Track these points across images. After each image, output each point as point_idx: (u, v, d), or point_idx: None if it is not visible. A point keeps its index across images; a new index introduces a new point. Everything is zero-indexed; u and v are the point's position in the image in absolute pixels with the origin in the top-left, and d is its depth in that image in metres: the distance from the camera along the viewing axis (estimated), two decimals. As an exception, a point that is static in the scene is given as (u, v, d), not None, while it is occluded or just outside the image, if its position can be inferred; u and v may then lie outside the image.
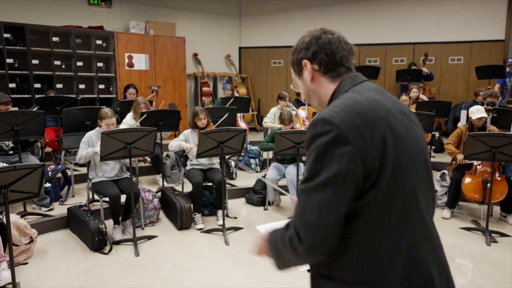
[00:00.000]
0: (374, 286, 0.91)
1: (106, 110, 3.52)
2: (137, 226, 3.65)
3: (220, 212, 3.84)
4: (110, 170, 3.62)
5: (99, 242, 3.20)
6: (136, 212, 3.66)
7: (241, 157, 5.72)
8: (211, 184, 4.07)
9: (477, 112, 3.87)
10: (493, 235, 3.47)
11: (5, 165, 3.20)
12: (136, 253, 3.16)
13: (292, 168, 4.12)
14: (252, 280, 2.79)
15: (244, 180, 5.12)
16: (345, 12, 8.10)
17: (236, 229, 3.73)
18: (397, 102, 1.01)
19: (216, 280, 2.79)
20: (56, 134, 5.00)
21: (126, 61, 6.63)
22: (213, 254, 3.20)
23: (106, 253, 3.16)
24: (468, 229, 3.66)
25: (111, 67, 6.59)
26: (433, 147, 5.55)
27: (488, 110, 3.95)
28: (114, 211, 3.42)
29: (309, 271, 1.33)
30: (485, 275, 2.85)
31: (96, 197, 3.78)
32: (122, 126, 4.50)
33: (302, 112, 5.97)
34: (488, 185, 3.48)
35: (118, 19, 7.20)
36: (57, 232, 3.59)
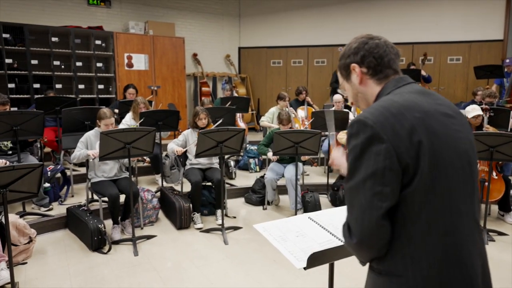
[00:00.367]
0: (407, 280, 0.94)
1: (105, 110, 3.53)
2: (136, 226, 3.66)
3: (219, 212, 3.85)
4: (109, 170, 3.63)
5: (98, 242, 3.21)
6: (135, 212, 3.67)
7: (240, 157, 5.73)
8: (210, 183, 4.08)
9: (472, 111, 3.89)
10: (490, 234, 3.49)
11: (6, 162, 3.20)
12: (135, 253, 3.16)
13: (291, 167, 4.13)
14: (251, 279, 2.80)
15: (243, 179, 5.12)
16: (344, 12, 8.11)
17: (235, 228, 3.73)
18: (442, 104, 1.02)
19: (215, 279, 2.80)
20: (55, 134, 5.01)
21: (126, 61, 6.64)
22: (212, 254, 3.21)
23: (105, 253, 3.17)
24: None
25: (111, 67, 6.60)
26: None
27: (485, 110, 3.97)
28: (113, 211, 3.43)
29: (305, 268, 1.34)
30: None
31: (95, 197, 3.79)
32: (121, 126, 4.50)
33: (301, 112, 5.99)
34: (486, 184, 3.49)
35: (117, 19, 7.21)
36: (56, 232, 3.59)
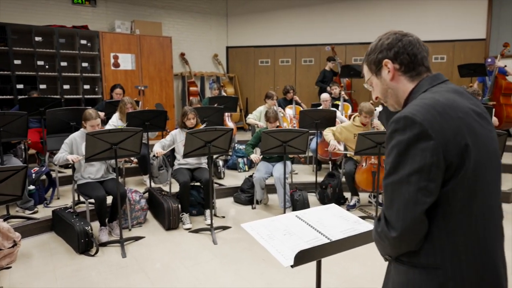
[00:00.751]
0: (446, 272, 0.97)
1: (90, 111, 3.48)
2: (124, 227, 3.62)
3: (208, 212, 3.84)
4: (96, 171, 3.58)
5: (85, 244, 3.16)
6: (123, 213, 3.63)
7: (229, 157, 5.73)
8: (198, 183, 4.07)
9: None
10: None
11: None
12: (123, 255, 3.13)
13: (279, 166, 4.14)
14: (240, 278, 2.80)
15: (232, 179, 5.12)
16: (331, 11, 8.17)
17: (224, 228, 3.73)
18: (475, 104, 1.05)
19: (204, 279, 2.79)
20: (40, 136, 4.92)
21: (112, 61, 6.56)
22: (201, 254, 3.20)
23: (93, 255, 3.13)
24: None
25: (96, 67, 6.51)
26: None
27: None
28: (100, 212, 3.39)
29: (292, 266, 1.35)
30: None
31: (82, 199, 3.74)
32: (108, 127, 4.45)
33: (289, 111, 6.02)
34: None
35: (103, 19, 7.11)
36: (41, 235, 3.53)
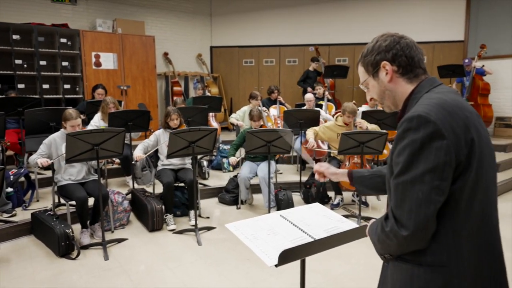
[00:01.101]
0: (451, 270, 0.99)
1: (71, 111, 3.40)
2: (107, 229, 3.56)
3: (192, 212, 3.81)
4: (77, 172, 3.51)
5: (66, 247, 3.09)
6: (105, 215, 3.57)
7: (214, 157, 5.70)
8: (183, 184, 4.03)
9: None
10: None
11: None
12: (106, 257, 3.08)
13: (263, 166, 4.15)
14: (224, 278, 2.80)
15: (217, 179, 5.10)
16: (315, 12, 8.24)
17: (209, 228, 3.71)
18: (470, 105, 1.08)
19: (188, 280, 2.77)
20: (18, 137, 4.78)
21: (93, 60, 6.43)
22: (185, 255, 3.17)
23: (74, 258, 3.06)
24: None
25: (77, 67, 6.38)
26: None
27: None
28: (82, 214, 3.32)
29: (276, 265, 1.35)
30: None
31: (62, 201, 3.65)
32: (90, 127, 4.36)
33: (274, 110, 6.04)
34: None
35: (83, 17, 6.97)
36: (20, 239, 3.43)
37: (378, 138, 3.72)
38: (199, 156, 4.88)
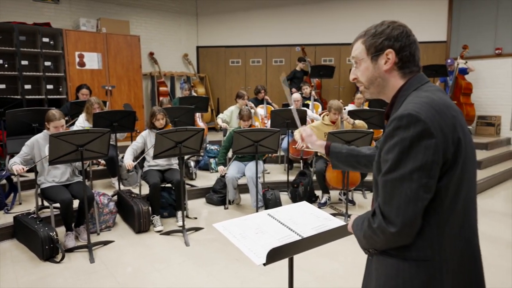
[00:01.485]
0: (435, 265, 1.01)
1: (54, 111, 3.33)
2: (92, 231, 3.51)
3: (179, 213, 3.79)
4: (61, 174, 3.44)
5: (50, 251, 3.03)
6: (91, 217, 3.51)
7: (201, 157, 5.67)
8: (170, 185, 4.00)
9: None
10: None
11: None
12: (91, 260, 3.03)
13: (251, 166, 4.15)
14: (213, 279, 2.79)
15: (204, 180, 5.08)
16: (301, 12, 8.28)
17: (197, 229, 3.69)
18: (455, 104, 1.10)
19: (176, 281, 2.75)
20: (-1, 138, 4.67)
21: (77, 60, 6.32)
22: (173, 256, 3.15)
23: (58, 262, 3.00)
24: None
25: (60, 66, 6.25)
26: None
27: None
28: (66, 217, 3.26)
29: (264, 264, 1.35)
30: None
31: (46, 203, 3.58)
32: (75, 128, 4.28)
33: (261, 110, 6.04)
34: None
35: (66, 16, 6.84)
36: (2, 243, 3.34)
37: (364, 137, 3.76)
38: (186, 157, 4.85)
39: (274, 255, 1.36)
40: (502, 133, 7.30)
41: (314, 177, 4.48)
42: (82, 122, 4.41)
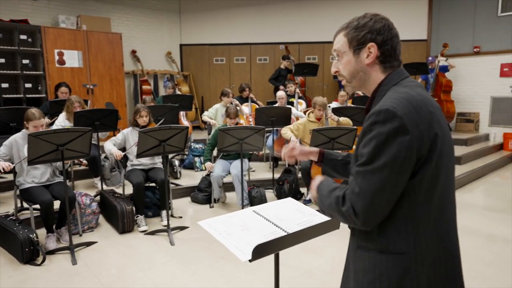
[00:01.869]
0: (410, 258, 1.03)
1: (33, 110, 3.24)
2: (74, 233, 3.43)
3: (164, 213, 3.74)
4: (41, 175, 3.35)
5: (30, 253, 2.95)
6: (72, 218, 3.43)
7: (185, 156, 5.62)
8: (154, 184, 3.95)
9: None
10: None
11: None
12: (74, 262, 2.96)
13: (236, 164, 4.13)
14: (198, 278, 2.77)
15: (189, 179, 5.03)
16: (285, 10, 8.30)
17: (182, 228, 3.66)
18: (434, 100, 1.10)
19: (161, 281, 2.71)
20: (-25, 139, 4.50)
21: (56, 58, 6.16)
22: (158, 256, 3.11)
23: (39, 264, 2.92)
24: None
25: (39, 65, 6.08)
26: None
27: None
28: (47, 218, 3.17)
29: (250, 261, 1.35)
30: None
31: (26, 205, 3.48)
32: (55, 128, 4.17)
33: (246, 108, 6.03)
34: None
35: (45, 13, 6.66)
36: (-21, 246, 3.24)
37: (348, 134, 3.81)
38: (170, 155, 4.80)
39: (260, 251, 1.36)
40: (481, 129, 7.51)
41: (299, 174, 4.50)
42: (62, 121, 4.30)
